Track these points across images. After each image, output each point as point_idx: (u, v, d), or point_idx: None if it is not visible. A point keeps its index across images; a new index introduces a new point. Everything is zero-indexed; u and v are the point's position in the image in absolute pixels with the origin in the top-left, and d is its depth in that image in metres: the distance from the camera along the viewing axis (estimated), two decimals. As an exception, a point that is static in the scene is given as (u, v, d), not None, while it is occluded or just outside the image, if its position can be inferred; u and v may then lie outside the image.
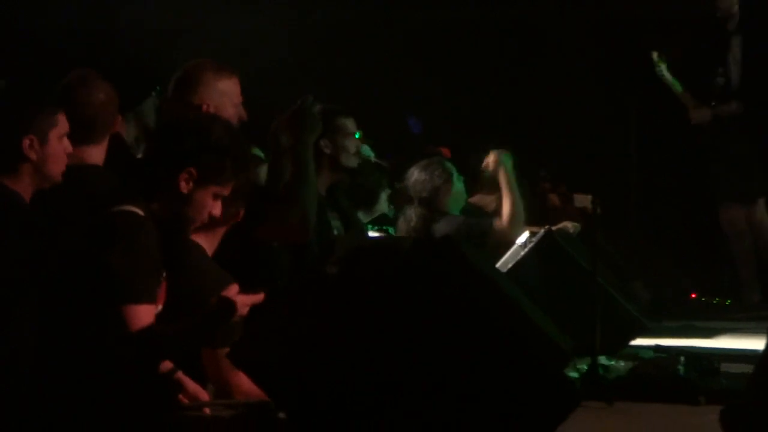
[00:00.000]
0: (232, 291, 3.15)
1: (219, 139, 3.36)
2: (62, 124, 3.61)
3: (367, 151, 5.58)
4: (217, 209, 3.40)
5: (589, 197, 4.84)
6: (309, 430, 2.90)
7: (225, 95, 4.15)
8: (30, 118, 3.55)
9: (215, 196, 3.38)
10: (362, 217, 5.54)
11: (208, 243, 3.66)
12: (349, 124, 4.79)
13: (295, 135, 4.17)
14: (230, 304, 3.11)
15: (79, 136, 3.80)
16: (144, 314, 3.13)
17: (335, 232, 4.63)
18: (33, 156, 3.53)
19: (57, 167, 3.59)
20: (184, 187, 3.32)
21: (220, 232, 3.70)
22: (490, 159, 6.15)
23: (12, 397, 3.13)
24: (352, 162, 4.81)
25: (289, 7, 8.46)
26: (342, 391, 2.84)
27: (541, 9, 9.01)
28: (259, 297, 3.14)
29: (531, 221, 6.55)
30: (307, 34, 8.54)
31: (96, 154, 3.97)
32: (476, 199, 6.65)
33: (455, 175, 6.17)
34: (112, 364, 3.10)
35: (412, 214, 5.98)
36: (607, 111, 8.54)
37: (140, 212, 3.25)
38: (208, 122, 3.46)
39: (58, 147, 3.58)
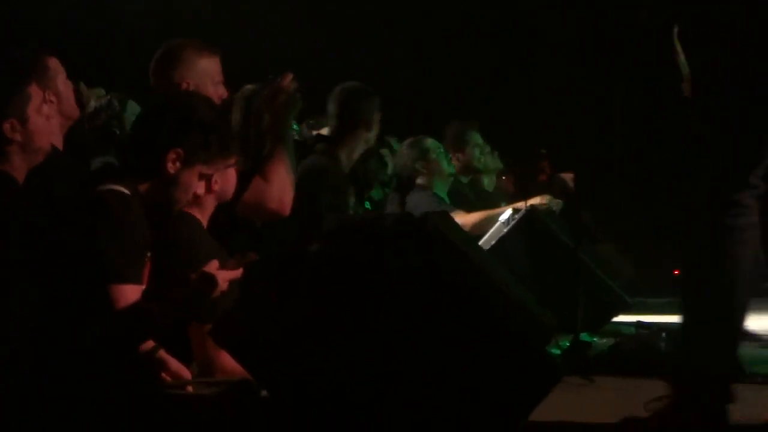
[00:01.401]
0: (212, 266, 3.16)
1: (203, 118, 3.38)
2: (36, 95, 3.59)
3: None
4: (201, 189, 3.42)
5: (571, 175, 4.86)
6: (291, 407, 2.91)
7: (206, 74, 4.15)
8: (5, 103, 3.54)
9: (201, 176, 3.39)
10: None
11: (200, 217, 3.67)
12: None
13: (274, 112, 4.16)
14: (210, 279, 3.12)
15: None
16: (130, 294, 3.15)
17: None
18: (18, 137, 3.52)
19: (44, 139, 3.58)
20: (171, 167, 3.33)
21: (210, 208, 3.70)
22: None
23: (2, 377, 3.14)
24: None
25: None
26: (322, 367, 2.85)
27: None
28: (237, 272, 3.15)
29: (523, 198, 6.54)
30: (308, 24, 8.53)
31: None
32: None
33: (441, 153, 6.17)
34: (96, 342, 3.11)
35: (395, 190, 6.01)
36: (592, 89, 8.55)
37: (126, 191, 3.25)
38: (191, 101, 3.47)
39: (39, 120, 3.56)
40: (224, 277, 3.15)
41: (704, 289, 3.16)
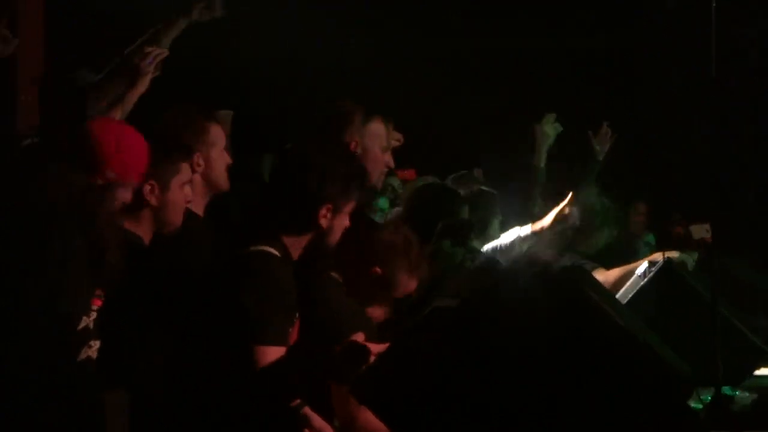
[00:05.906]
0: (359, 337, 3.19)
1: (343, 169, 3.45)
2: (185, 172, 3.66)
3: None
4: (347, 220, 3.48)
5: (706, 226, 4.78)
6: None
7: (375, 137, 4.25)
8: (152, 165, 3.59)
9: (346, 213, 3.47)
10: (477, 245, 5.54)
11: None
12: None
13: None
14: (363, 351, 3.13)
15: None
16: (273, 355, 3.20)
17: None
18: (153, 201, 3.56)
19: (176, 214, 3.61)
20: (324, 222, 3.40)
21: None
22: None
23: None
24: None
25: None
26: (465, 425, 2.87)
27: (634, 35, 8.89)
28: (384, 346, 3.16)
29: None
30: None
31: None
32: None
33: (603, 217, 6.08)
34: (238, 402, 3.17)
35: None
36: (722, 135, 8.40)
37: (275, 252, 3.31)
38: (328, 154, 3.51)
39: (178, 195, 3.61)
40: (372, 349, 3.16)
41: None
